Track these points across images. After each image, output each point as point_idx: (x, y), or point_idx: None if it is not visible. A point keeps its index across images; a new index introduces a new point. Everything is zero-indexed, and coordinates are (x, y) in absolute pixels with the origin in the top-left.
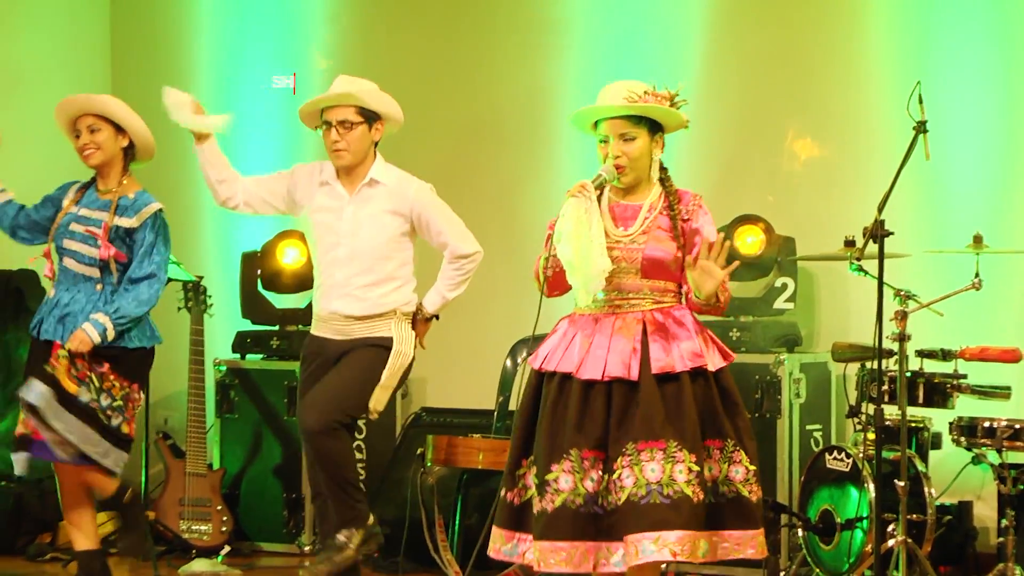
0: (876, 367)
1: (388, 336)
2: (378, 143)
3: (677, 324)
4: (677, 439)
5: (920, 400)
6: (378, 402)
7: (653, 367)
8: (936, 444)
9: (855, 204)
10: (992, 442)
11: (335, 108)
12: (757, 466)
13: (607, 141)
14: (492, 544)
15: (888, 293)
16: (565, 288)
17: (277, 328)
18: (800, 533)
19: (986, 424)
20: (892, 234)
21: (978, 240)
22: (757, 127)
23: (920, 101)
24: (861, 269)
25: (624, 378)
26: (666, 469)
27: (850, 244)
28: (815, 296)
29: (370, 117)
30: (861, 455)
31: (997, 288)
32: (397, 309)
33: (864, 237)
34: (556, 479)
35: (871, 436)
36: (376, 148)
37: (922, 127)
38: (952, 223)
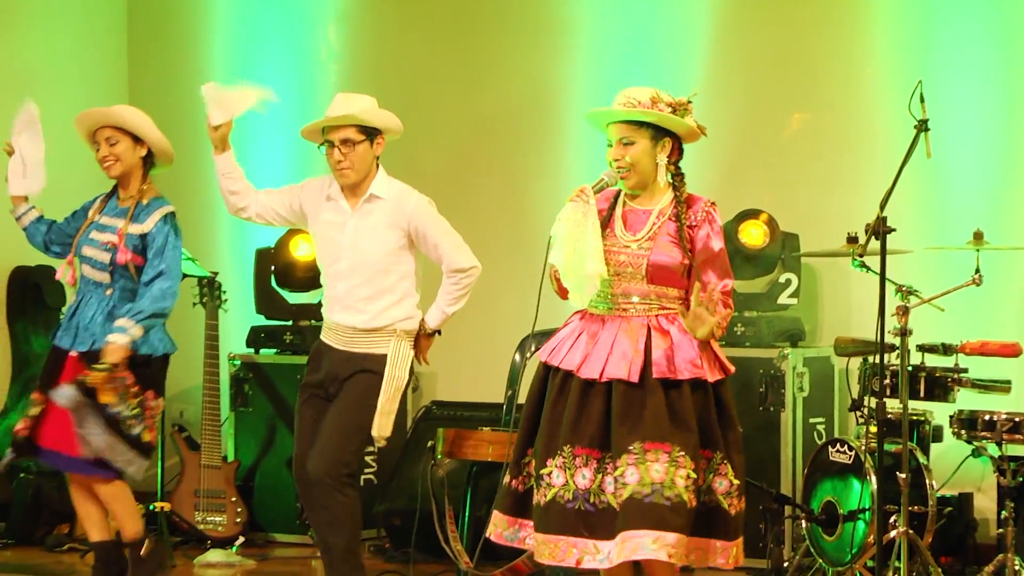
0: (878, 361)
1: (384, 354)
2: (379, 157)
3: (681, 332)
4: (681, 445)
5: (921, 394)
6: (382, 428)
7: (654, 372)
8: (937, 437)
9: (858, 201)
10: (992, 435)
11: (336, 128)
12: (742, 481)
13: (612, 144)
14: (493, 527)
15: (890, 289)
16: None
17: (290, 323)
18: (803, 524)
19: (986, 417)
20: (894, 231)
21: (978, 236)
22: (761, 125)
23: (921, 100)
24: (863, 265)
25: (624, 379)
26: (669, 472)
27: (853, 241)
28: (818, 292)
29: (371, 133)
30: (863, 448)
31: (997, 284)
32: (397, 327)
33: (866, 234)
34: (550, 474)
35: (873, 429)
36: (378, 161)
37: (923, 126)
38: (953, 220)
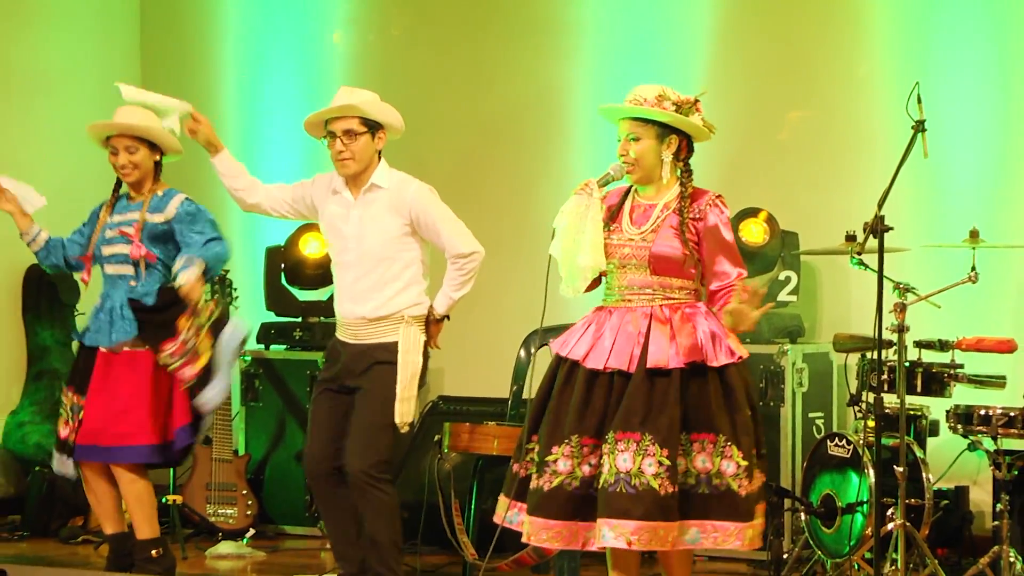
0: (876, 357)
1: (395, 342)
2: (380, 151)
3: (683, 320)
4: (652, 434)
5: (918, 389)
6: (403, 415)
7: (648, 361)
8: (934, 431)
9: (856, 200)
10: (988, 429)
11: (339, 119)
12: (752, 462)
13: (620, 139)
14: (497, 511)
15: (888, 286)
16: (597, 283)
17: (300, 320)
18: (803, 517)
19: (982, 412)
20: (892, 229)
21: (974, 235)
22: (761, 126)
23: (919, 101)
24: (862, 263)
25: (623, 370)
26: (636, 461)
27: (851, 239)
28: (817, 289)
29: (372, 126)
30: (861, 442)
31: (993, 281)
32: (404, 314)
33: (865, 232)
34: (555, 461)
35: (871, 424)
36: (380, 155)
37: (921, 126)
38: (949, 218)
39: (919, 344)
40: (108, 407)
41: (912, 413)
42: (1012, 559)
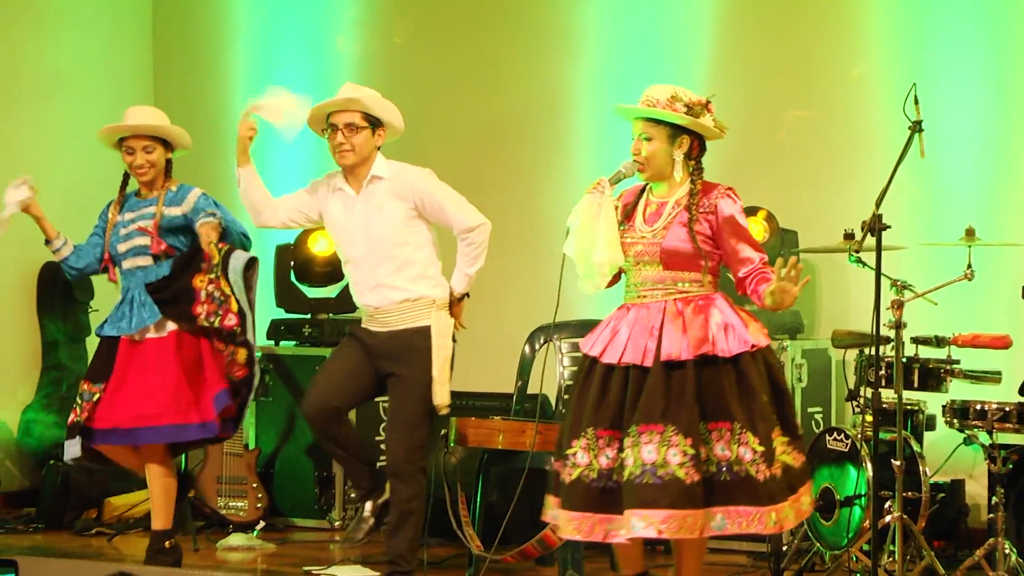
0: (874, 353)
1: (426, 325)
2: (379, 148)
3: (695, 312)
4: (675, 424)
5: (915, 384)
6: (442, 397)
7: (662, 355)
8: (930, 426)
9: (854, 199)
10: (983, 424)
11: (341, 112)
12: (768, 447)
13: (634, 138)
14: (546, 510)
15: (885, 283)
16: (617, 279)
17: (309, 316)
18: None
19: (977, 407)
20: (889, 227)
21: (970, 233)
22: (761, 126)
23: (916, 102)
24: (860, 261)
25: (638, 364)
26: (661, 452)
27: (849, 237)
28: (816, 286)
29: (373, 123)
30: (859, 436)
31: (988, 279)
32: (431, 295)
33: (863, 230)
34: (575, 454)
35: (869, 418)
36: (378, 152)
37: (918, 126)
38: (946, 217)
39: (916, 340)
40: (133, 391)
41: (909, 408)
42: (1007, 551)
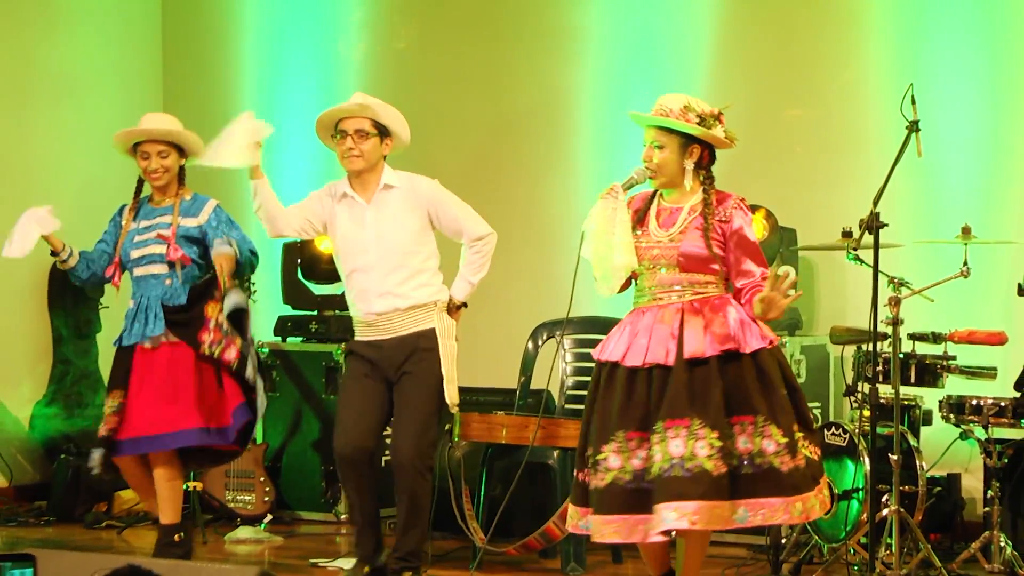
0: (871, 349)
1: (430, 328)
2: (386, 157)
3: (713, 311)
4: (700, 418)
5: (912, 380)
6: (452, 395)
7: (685, 352)
8: (927, 421)
9: (852, 198)
10: (979, 419)
11: (351, 119)
12: (791, 439)
13: (646, 145)
14: (569, 520)
15: (883, 280)
16: (628, 283)
17: (315, 313)
18: None
19: (973, 402)
20: (886, 225)
21: (966, 231)
22: (761, 126)
23: (913, 102)
24: (858, 258)
25: (662, 363)
26: (688, 445)
27: (847, 235)
28: (815, 283)
29: (382, 131)
30: (857, 431)
31: (984, 276)
32: (437, 302)
33: (860, 228)
34: (606, 459)
35: (866, 413)
36: (385, 160)
37: (915, 126)
38: (942, 215)
39: (913, 336)
40: (152, 399)
41: (906, 403)
42: (1002, 544)
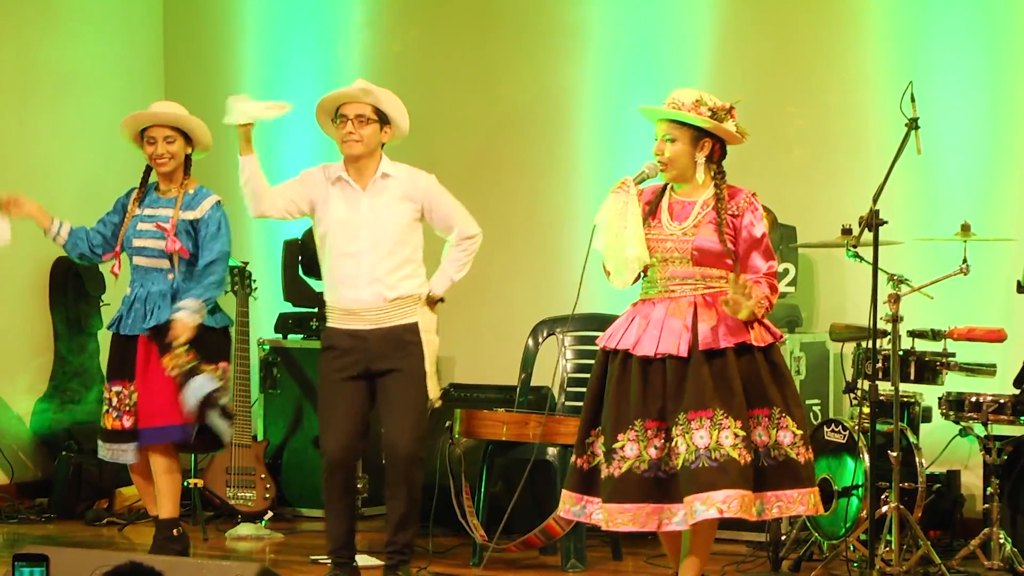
0: (871, 346)
1: (414, 321)
2: (384, 145)
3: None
4: (724, 408)
5: (912, 377)
6: (434, 390)
7: (700, 344)
8: (926, 418)
9: (852, 195)
10: (978, 415)
11: (352, 103)
12: (805, 431)
13: (657, 139)
14: (562, 505)
15: (882, 278)
16: (638, 277)
17: (316, 310)
18: None
19: (973, 399)
20: (886, 223)
21: (966, 228)
22: (761, 124)
23: (912, 100)
24: (857, 255)
25: (675, 355)
26: (713, 435)
27: (847, 232)
28: (814, 280)
29: (382, 118)
30: (857, 428)
31: (983, 273)
32: (420, 295)
33: (860, 226)
34: (622, 447)
35: (866, 410)
36: (382, 149)
37: (914, 123)
38: (942, 213)
39: (912, 334)
40: (160, 389)
41: (906, 400)
42: (1002, 541)
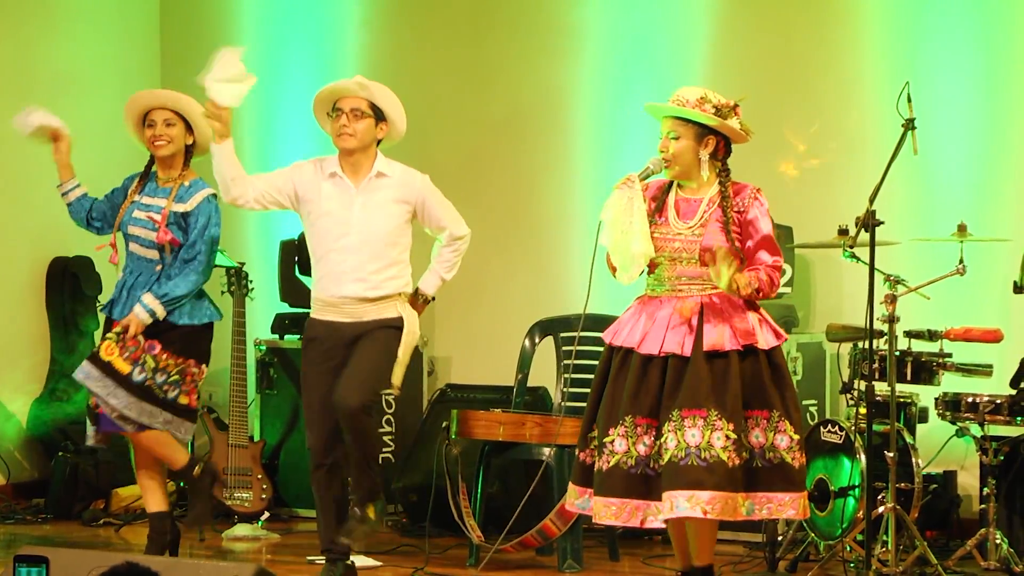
0: (867, 347)
1: (396, 316)
2: (379, 143)
3: (732, 306)
4: (718, 409)
5: (908, 377)
6: (398, 377)
7: (704, 345)
8: (923, 418)
9: (848, 196)
10: (975, 416)
11: (349, 98)
12: (802, 436)
13: (662, 136)
14: (567, 498)
15: (879, 278)
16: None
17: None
18: None
19: (969, 399)
20: (883, 223)
21: (962, 229)
22: (759, 125)
23: (908, 100)
24: (854, 256)
25: (678, 354)
26: (705, 435)
27: (843, 233)
28: (811, 281)
29: (378, 114)
30: (853, 428)
31: (979, 273)
32: (401, 292)
33: (856, 226)
34: (612, 441)
35: (863, 411)
36: (377, 146)
37: (910, 124)
38: (938, 213)
39: (909, 334)
40: None
41: (902, 400)
42: (998, 541)
